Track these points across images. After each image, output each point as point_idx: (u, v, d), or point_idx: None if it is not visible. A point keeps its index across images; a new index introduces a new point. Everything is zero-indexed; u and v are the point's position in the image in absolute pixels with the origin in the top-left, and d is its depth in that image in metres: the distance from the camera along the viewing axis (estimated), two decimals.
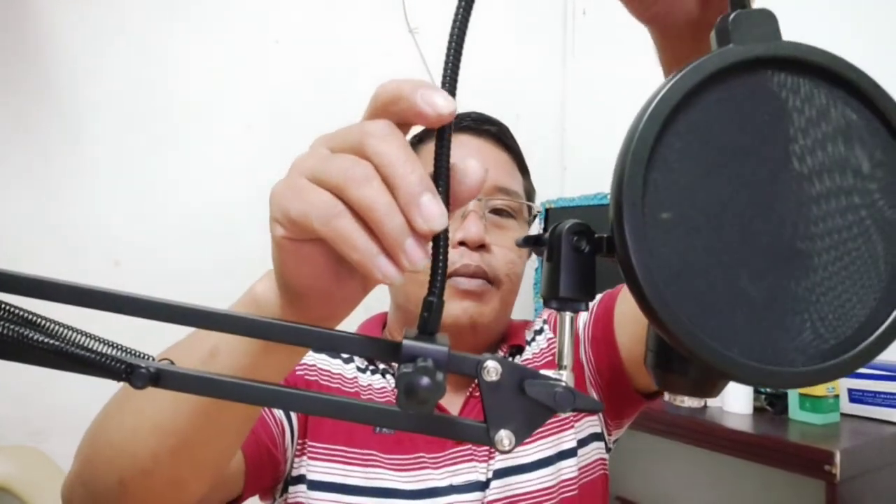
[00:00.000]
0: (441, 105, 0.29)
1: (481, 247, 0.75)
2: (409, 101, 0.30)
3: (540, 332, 0.84)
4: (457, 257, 0.73)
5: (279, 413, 0.68)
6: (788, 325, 0.27)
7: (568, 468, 0.73)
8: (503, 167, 0.81)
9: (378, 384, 0.76)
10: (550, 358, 0.80)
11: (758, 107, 0.28)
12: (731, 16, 0.29)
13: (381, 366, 0.78)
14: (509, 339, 0.82)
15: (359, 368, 0.77)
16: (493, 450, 0.71)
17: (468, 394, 0.76)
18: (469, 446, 0.72)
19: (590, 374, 0.77)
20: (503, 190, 0.79)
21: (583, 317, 0.79)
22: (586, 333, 0.78)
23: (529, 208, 0.85)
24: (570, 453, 0.74)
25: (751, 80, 0.28)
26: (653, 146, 0.27)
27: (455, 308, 0.73)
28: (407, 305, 0.78)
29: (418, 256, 0.29)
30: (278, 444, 0.67)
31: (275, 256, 0.35)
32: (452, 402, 0.75)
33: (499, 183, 0.78)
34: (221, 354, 0.39)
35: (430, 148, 0.91)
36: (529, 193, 0.86)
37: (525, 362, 0.79)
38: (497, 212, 0.79)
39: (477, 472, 0.71)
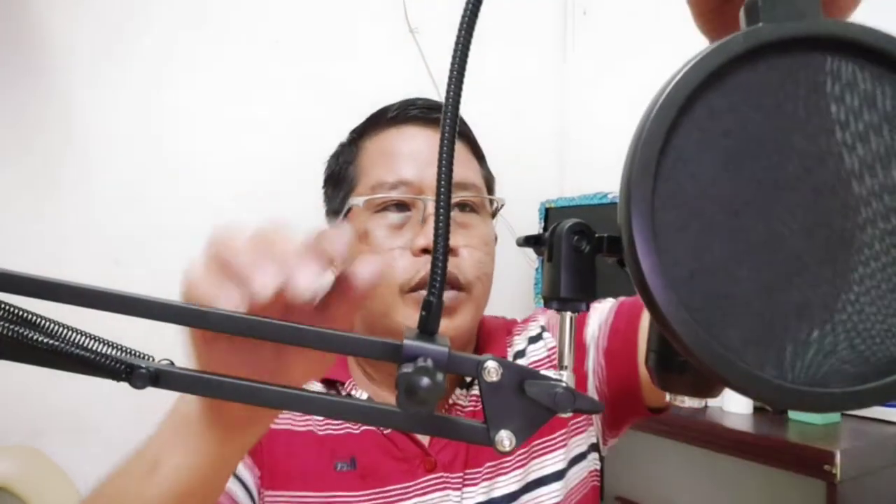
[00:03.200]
0: (331, 238, 0.34)
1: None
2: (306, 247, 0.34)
3: (537, 338, 0.78)
4: (421, 266, 0.67)
5: (230, 485, 0.64)
6: (819, 340, 0.24)
7: (552, 493, 0.69)
8: (459, 158, 0.73)
9: None
10: (552, 368, 0.75)
11: (790, 93, 0.24)
12: None
13: (343, 392, 0.73)
14: (485, 344, 0.77)
15: None
16: (466, 478, 0.67)
17: (443, 413, 0.72)
18: (441, 474, 0.67)
19: (596, 384, 0.73)
20: (462, 184, 0.72)
21: (592, 324, 0.74)
22: (599, 343, 0.73)
23: (492, 202, 0.77)
24: (556, 476, 0.70)
25: (783, 62, 0.24)
26: (667, 134, 0.24)
27: None
28: (370, 322, 0.71)
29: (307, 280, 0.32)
30: None
31: (191, 359, 0.37)
32: None
33: (457, 177, 0.71)
34: (162, 464, 0.41)
35: (372, 141, 0.87)
36: (489, 182, 0.79)
37: None
38: (460, 207, 0.72)
39: (450, 500, 0.66)
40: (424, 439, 0.68)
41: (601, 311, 0.75)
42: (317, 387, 0.73)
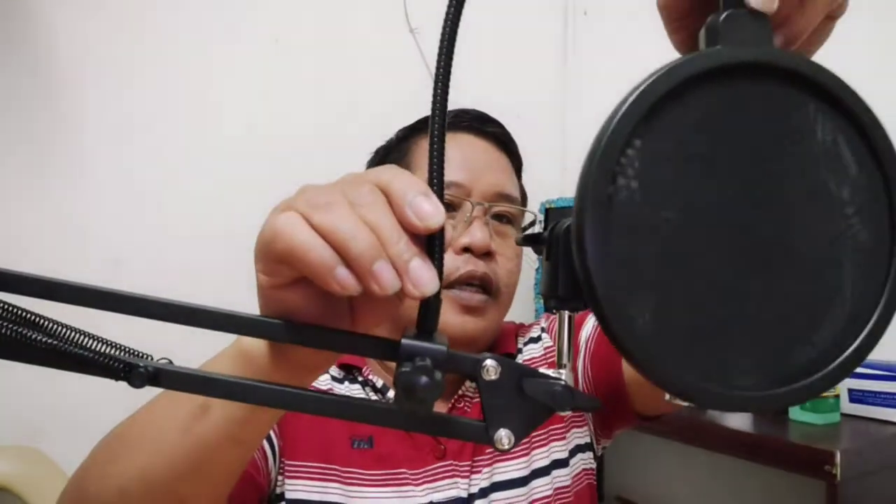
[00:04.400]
0: (428, 215, 0.29)
1: (486, 254, 0.72)
2: (399, 208, 0.29)
3: (537, 339, 0.82)
4: (461, 263, 0.71)
5: (263, 441, 0.65)
6: (750, 346, 0.26)
7: (549, 484, 0.72)
8: (505, 171, 0.79)
9: (356, 395, 0.73)
10: (546, 366, 0.78)
11: (739, 115, 0.26)
12: (723, 15, 0.27)
13: (360, 377, 0.75)
14: (498, 346, 0.80)
15: (334, 378, 0.74)
16: (474, 466, 0.70)
17: (451, 404, 0.74)
18: (451, 462, 0.70)
19: (584, 386, 0.75)
20: (506, 196, 0.77)
21: (586, 329, 0.77)
22: (588, 346, 0.75)
23: (525, 215, 0.83)
24: (557, 465, 0.73)
25: (736, 85, 0.26)
26: (623, 147, 0.25)
27: (454, 322, 0.71)
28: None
29: (427, 277, 0.28)
30: (261, 468, 0.65)
31: (261, 307, 0.34)
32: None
33: (502, 189, 0.76)
34: (214, 407, 0.39)
35: (427, 141, 0.89)
36: (524, 198, 0.84)
37: None
38: (498, 217, 0.77)
39: (458, 488, 0.69)
40: None
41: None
42: (335, 371, 0.76)
